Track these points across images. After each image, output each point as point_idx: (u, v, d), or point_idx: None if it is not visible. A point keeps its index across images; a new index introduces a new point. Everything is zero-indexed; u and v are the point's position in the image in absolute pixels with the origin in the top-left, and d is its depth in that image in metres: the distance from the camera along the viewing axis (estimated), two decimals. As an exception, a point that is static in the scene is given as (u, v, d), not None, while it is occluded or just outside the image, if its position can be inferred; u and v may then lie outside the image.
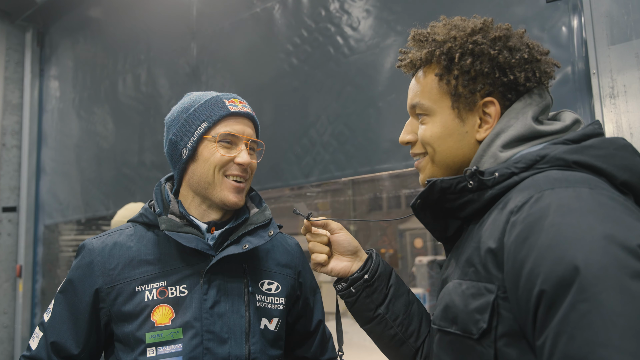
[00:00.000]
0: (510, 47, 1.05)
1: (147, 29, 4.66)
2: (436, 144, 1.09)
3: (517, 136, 1.01)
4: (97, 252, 1.43)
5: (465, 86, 1.05)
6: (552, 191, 0.83)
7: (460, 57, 1.06)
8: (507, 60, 1.03)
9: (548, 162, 0.93)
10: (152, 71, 4.54)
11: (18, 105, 5.87)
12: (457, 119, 1.07)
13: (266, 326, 1.47)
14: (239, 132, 1.45)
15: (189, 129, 1.45)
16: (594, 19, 2.27)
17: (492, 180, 0.96)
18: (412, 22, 2.99)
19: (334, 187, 4.07)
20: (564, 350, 0.72)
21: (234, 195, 1.45)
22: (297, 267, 1.63)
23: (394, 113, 2.98)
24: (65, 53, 5.62)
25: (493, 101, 1.05)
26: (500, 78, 1.04)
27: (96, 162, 4.99)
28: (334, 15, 3.31)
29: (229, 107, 1.46)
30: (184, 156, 1.46)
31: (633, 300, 0.69)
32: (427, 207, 1.07)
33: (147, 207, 1.52)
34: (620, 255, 0.72)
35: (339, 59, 3.26)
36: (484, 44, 1.05)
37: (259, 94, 3.64)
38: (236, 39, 3.86)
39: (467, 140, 1.07)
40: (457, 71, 1.06)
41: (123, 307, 1.38)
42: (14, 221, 5.73)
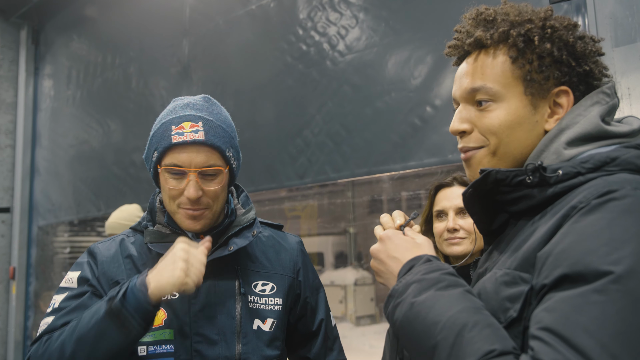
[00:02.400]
0: (579, 36, 1.01)
1: (139, 25, 4.67)
2: (504, 134, 1.00)
3: (583, 134, 0.96)
4: (99, 254, 1.49)
5: (541, 72, 0.99)
6: (622, 190, 0.82)
7: (540, 40, 0.99)
8: (582, 49, 0.99)
9: (619, 164, 0.90)
10: (144, 69, 4.55)
11: (12, 104, 5.85)
12: (529, 106, 1.00)
13: (259, 327, 1.48)
14: (185, 164, 1.38)
15: (149, 153, 1.47)
16: (598, 20, 2.27)
17: (554, 177, 0.92)
18: (411, 20, 3.03)
19: (333, 189, 4.00)
20: (552, 323, 0.75)
21: (190, 222, 1.43)
22: (296, 265, 1.63)
23: (392, 113, 2.97)
24: (60, 51, 5.63)
25: (567, 91, 1.00)
26: (576, 68, 0.99)
27: (87, 162, 5.01)
28: (330, 13, 3.31)
29: (172, 136, 1.38)
30: (152, 177, 1.51)
31: None
32: (478, 198, 1.01)
33: (144, 215, 1.56)
34: None
35: (335, 58, 3.25)
36: (561, 30, 0.99)
37: (252, 92, 3.65)
38: (230, 37, 3.87)
39: (536, 131, 1.01)
40: (533, 55, 1.00)
41: None
42: (7, 222, 5.72)
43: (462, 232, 1.78)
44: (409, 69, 2.92)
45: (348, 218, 4.36)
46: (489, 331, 0.82)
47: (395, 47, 2.99)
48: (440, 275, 0.94)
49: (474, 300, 0.89)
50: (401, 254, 1.04)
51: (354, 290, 4.65)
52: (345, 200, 4.09)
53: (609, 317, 0.72)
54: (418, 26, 2.91)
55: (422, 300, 0.90)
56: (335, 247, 5.59)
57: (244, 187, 1.69)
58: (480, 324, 0.83)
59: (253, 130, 3.55)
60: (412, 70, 2.90)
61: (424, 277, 0.95)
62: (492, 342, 0.80)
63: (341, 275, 4.84)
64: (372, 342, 4.04)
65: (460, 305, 0.87)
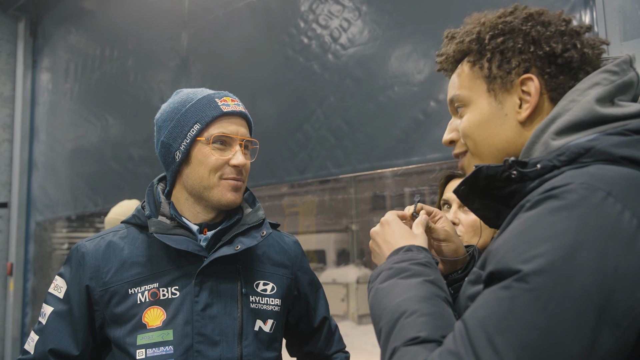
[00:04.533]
0: (543, 21, 0.99)
1: (138, 18, 4.65)
2: (475, 134, 1.04)
3: (574, 121, 0.91)
4: (90, 254, 1.44)
5: (500, 66, 1.00)
6: (566, 186, 0.79)
7: (491, 38, 1.01)
8: (540, 33, 0.98)
9: (593, 155, 0.84)
10: (142, 62, 4.53)
11: (10, 97, 5.82)
12: (494, 102, 1.02)
13: (261, 328, 1.48)
14: (233, 133, 1.44)
15: (181, 130, 1.44)
16: (606, 14, 2.25)
17: (534, 172, 0.89)
18: (415, 13, 2.99)
19: (334, 185, 3.95)
20: (466, 316, 0.77)
21: (231, 193, 1.44)
22: (295, 265, 1.63)
23: (395, 108, 2.94)
24: (58, 43, 5.62)
25: (531, 77, 0.98)
26: (536, 52, 0.98)
27: (85, 157, 4.99)
28: (333, 5, 3.27)
29: (221, 106, 1.45)
30: (177, 159, 1.45)
31: (545, 318, 0.70)
32: (476, 194, 1.02)
33: (139, 208, 1.52)
34: (566, 274, 0.71)
35: (337, 51, 3.22)
36: (514, 22, 1.00)
37: (252, 86, 3.63)
38: (229, 29, 3.83)
39: (508, 124, 1.00)
40: (489, 53, 1.02)
41: (116, 309, 1.40)
42: (5, 217, 5.71)
43: (460, 228, 1.76)
44: (413, 63, 2.89)
45: (350, 215, 4.31)
46: (424, 319, 0.85)
47: (398, 41, 2.96)
48: (407, 265, 1.00)
49: (428, 290, 0.93)
50: (395, 240, 1.11)
51: (356, 288, 4.61)
52: (347, 197, 4.04)
53: (504, 314, 0.72)
54: (422, 19, 2.88)
55: (383, 287, 0.97)
56: (337, 244, 5.54)
57: None
58: (418, 312, 0.86)
59: (253, 124, 3.50)
60: (415, 64, 2.87)
61: (394, 265, 1.01)
62: (420, 329, 0.83)
63: (343, 273, 4.81)
64: (374, 340, 4.00)
65: (410, 293, 0.91)
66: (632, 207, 0.74)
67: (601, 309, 0.69)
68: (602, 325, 0.69)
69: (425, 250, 1.07)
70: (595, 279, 0.70)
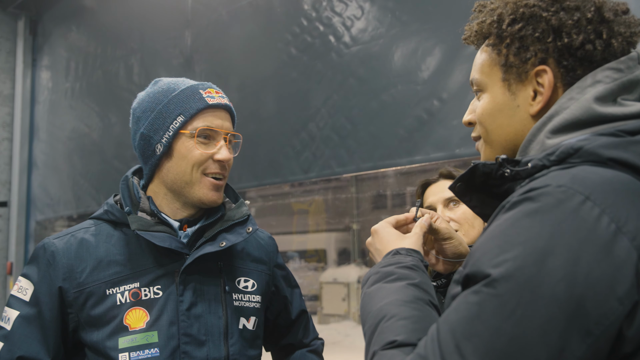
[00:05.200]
0: (568, 7, 0.93)
1: (140, 16, 4.63)
2: (487, 122, 1.01)
3: (571, 120, 0.87)
4: (61, 253, 1.33)
5: (516, 55, 0.95)
6: (544, 188, 0.76)
7: (511, 22, 0.96)
8: (562, 21, 0.91)
9: (581, 156, 0.80)
10: (145, 61, 4.50)
11: (9, 96, 5.80)
12: (507, 92, 0.98)
13: (245, 326, 1.44)
14: (218, 127, 1.38)
15: (163, 122, 1.37)
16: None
17: (525, 171, 0.86)
18: (419, 11, 2.99)
19: (336, 184, 3.95)
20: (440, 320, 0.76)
21: (213, 193, 1.39)
22: (272, 262, 1.60)
23: (399, 107, 2.93)
24: (58, 42, 5.58)
25: (545, 69, 0.93)
26: (554, 42, 0.92)
27: (87, 156, 4.96)
28: (336, 4, 3.27)
29: (206, 98, 1.38)
30: (158, 152, 1.38)
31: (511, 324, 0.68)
32: (473, 191, 0.99)
33: (112, 203, 1.43)
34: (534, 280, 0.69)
35: (340, 50, 3.21)
36: (536, 6, 0.94)
37: (256, 85, 3.61)
38: (233, 28, 3.82)
39: (519, 116, 0.97)
40: (508, 39, 0.96)
41: (92, 311, 1.31)
42: (4, 216, 5.69)
43: (453, 225, 1.76)
44: (416, 61, 2.88)
45: (352, 214, 4.31)
46: (402, 323, 0.84)
47: (402, 39, 2.95)
48: (393, 269, 0.99)
49: (411, 294, 0.92)
50: (384, 246, 1.11)
51: (357, 287, 4.60)
52: (348, 196, 4.04)
53: (472, 319, 0.71)
54: (425, 17, 2.87)
55: (369, 292, 0.97)
56: (339, 243, 5.54)
57: (247, 181, 1.64)
58: (397, 315, 0.86)
59: (257, 123, 3.52)
60: (419, 63, 2.86)
61: (380, 269, 1.01)
62: (397, 333, 0.83)
63: (344, 273, 4.81)
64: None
65: (392, 297, 0.91)
66: (611, 212, 0.71)
67: (570, 316, 0.67)
68: (572, 333, 0.67)
69: (414, 253, 1.06)
70: (565, 285, 0.67)
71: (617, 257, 0.68)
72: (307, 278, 6.74)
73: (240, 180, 3.55)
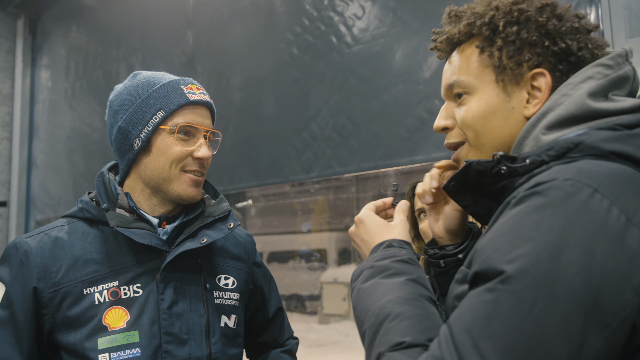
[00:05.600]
0: (559, 15, 0.96)
1: (141, 16, 4.61)
2: (479, 125, 0.99)
3: (566, 116, 0.88)
4: (35, 252, 1.28)
5: (511, 57, 0.96)
6: (551, 182, 0.76)
7: (505, 25, 0.96)
8: (556, 27, 0.94)
9: (581, 150, 0.81)
10: (147, 61, 4.50)
11: (9, 95, 5.77)
12: (502, 93, 0.97)
13: (226, 324, 1.42)
14: (199, 124, 1.36)
15: (142, 117, 1.34)
16: (611, 10, 2.24)
17: (523, 167, 0.86)
18: (420, 10, 2.99)
19: (336, 184, 3.95)
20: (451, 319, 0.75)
21: (192, 189, 1.37)
22: (250, 259, 1.59)
23: (400, 106, 2.93)
24: (58, 41, 5.56)
25: (543, 72, 0.94)
26: (550, 47, 0.94)
27: (87, 155, 4.94)
28: (337, 3, 3.27)
29: (187, 94, 1.35)
30: (136, 147, 1.35)
31: (531, 322, 0.68)
32: (466, 190, 0.99)
33: (87, 200, 1.39)
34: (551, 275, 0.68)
35: (341, 49, 3.21)
36: (529, 12, 0.95)
37: (257, 85, 3.60)
38: (234, 28, 3.82)
39: (514, 118, 0.96)
40: (501, 41, 0.97)
41: (69, 311, 1.27)
42: (4, 216, 5.66)
43: None
44: (417, 61, 2.88)
45: (352, 214, 4.30)
46: (408, 323, 0.83)
47: (403, 38, 2.95)
48: (389, 263, 0.97)
49: (411, 290, 0.91)
50: (372, 237, 1.08)
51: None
52: (349, 196, 4.04)
53: (489, 318, 0.70)
54: (426, 16, 2.87)
55: (365, 287, 0.94)
56: (339, 243, 5.53)
57: (248, 181, 1.64)
58: (402, 315, 0.85)
59: (258, 123, 3.52)
60: (420, 62, 2.86)
61: (375, 264, 0.98)
62: (405, 334, 0.81)
63: (344, 273, 4.79)
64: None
65: (393, 294, 0.89)
66: (620, 204, 0.71)
67: (588, 310, 0.67)
68: (590, 327, 0.67)
69: (407, 245, 1.05)
70: (582, 279, 0.67)
71: (630, 248, 0.69)
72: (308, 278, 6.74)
73: (241, 180, 3.54)
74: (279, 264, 9.70)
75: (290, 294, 9.35)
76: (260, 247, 1.75)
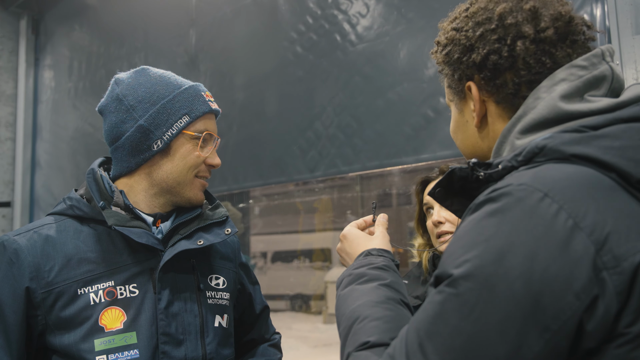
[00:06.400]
0: (477, 22, 0.97)
1: (144, 15, 4.59)
2: (454, 137, 1.08)
3: (538, 119, 0.89)
4: (26, 251, 1.25)
5: (451, 76, 1.03)
6: (505, 188, 0.77)
7: (442, 48, 1.03)
8: (469, 39, 0.98)
9: (546, 154, 0.82)
10: (149, 60, 4.48)
11: (12, 95, 5.76)
12: (456, 110, 1.05)
13: (220, 323, 1.43)
14: (214, 132, 1.43)
15: (167, 119, 1.34)
16: (617, 7, 2.23)
17: (497, 173, 0.88)
18: (424, 8, 2.97)
19: (340, 183, 3.94)
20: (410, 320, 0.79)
21: (201, 193, 1.43)
22: (237, 259, 1.61)
23: (405, 105, 2.91)
24: (61, 41, 5.55)
25: (469, 85, 0.99)
26: (467, 59, 0.98)
27: (90, 155, 4.92)
28: (341, 2, 3.25)
29: (208, 102, 1.41)
30: (155, 148, 1.35)
31: (470, 323, 0.70)
32: (454, 196, 1.02)
33: (77, 198, 1.35)
34: (492, 278, 0.70)
35: (346, 48, 3.20)
36: (454, 30, 1.01)
37: (261, 84, 3.59)
38: (238, 26, 3.80)
39: (470, 130, 1.03)
40: (442, 63, 1.05)
41: (63, 312, 1.24)
42: (7, 217, 5.65)
43: (447, 225, 1.77)
44: (422, 59, 2.86)
45: (357, 213, 4.29)
46: (374, 324, 0.88)
47: (408, 36, 2.93)
48: (364, 270, 1.04)
49: (382, 294, 0.96)
50: (354, 249, 1.16)
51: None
52: (353, 195, 4.03)
53: (435, 318, 0.73)
54: (431, 14, 2.85)
55: (343, 294, 1.01)
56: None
57: (252, 180, 1.67)
58: (370, 317, 0.89)
59: (262, 122, 3.51)
60: (425, 60, 2.85)
61: (353, 271, 1.05)
62: (370, 334, 0.86)
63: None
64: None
65: (364, 299, 0.95)
66: (570, 208, 0.72)
67: (528, 312, 0.68)
68: (529, 329, 0.68)
69: (385, 252, 1.10)
70: (522, 282, 0.69)
71: (574, 252, 0.69)
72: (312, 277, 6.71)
73: (246, 179, 3.53)
74: (283, 264, 9.69)
75: (294, 294, 9.34)
76: (264, 246, 1.78)
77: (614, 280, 0.68)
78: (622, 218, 0.72)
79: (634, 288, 0.69)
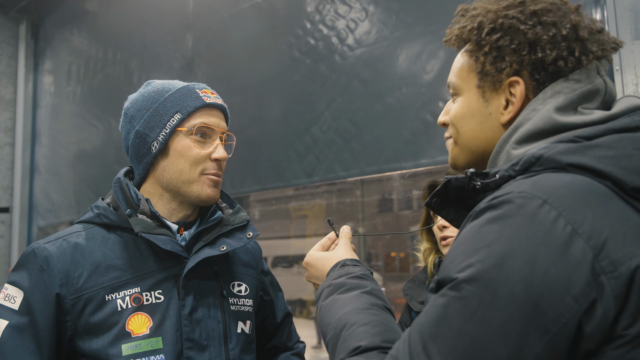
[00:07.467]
0: (545, 22, 0.96)
1: (141, 19, 4.61)
2: (459, 124, 1.05)
3: (534, 130, 0.92)
4: (56, 258, 1.27)
5: (493, 63, 0.99)
6: (505, 196, 0.79)
7: (490, 32, 0.99)
8: (538, 35, 0.95)
9: (542, 164, 0.84)
10: (146, 64, 4.49)
11: (11, 100, 5.78)
12: (481, 98, 1.02)
13: (242, 330, 1.44)
14: (215, 125, 1.40)
15: (159, 120, 1.36)
16: (617, 13, 2.24)
17: (494, 182, 0.90)
18: (423, 13, 2.95)
19: (341, 187, 3.92)
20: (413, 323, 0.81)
21: (211, 189, 1.39)
22: (259, 266, 1.62)
23: (403, 109, 2.90)
24: (60, 46, 5.57)
25: (518, 80, 0.97)
26: (529, 55, 0.96)
27: (89, 161, 4.94)
28: (339, 6, 3.24)
29: (203, 97, 1.40)
30: (154, 150, 1.37)
31: (473, 325, 0.72)
32: (450, 205, 1.04)
33: (104, 206, 1.39)
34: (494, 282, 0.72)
35: (344, 52, 3.19)
36: (515, 18, 0.97)
37: (258, 88, 3.58)
38: (235, 31, 3.80)
39: (490, 123, 1.01)
40: (486, 47, 1.00)
41: (91, 318, 1.26)
42: (6, 222, 5.65)
43: (450, 230, 1.77)
44: (421, 64, 2.85)
45: (357, 218, 4.26)
46: (363, 329, 0.91)
47: (406, 41, 2.93)
48: (344, 280, 1.06)
49: (365, 301, 0.99)
50: (321, 272, 1.18)
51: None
52: (354, 200, 4.00)
53: (438, 321, 0.75)
54: (430, 19, 2.85)
55: (325, 304, 1.03)
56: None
57: (250, 185, 1.63)
58: (357, 323, 0.92)
59: (259, 127, 3.50)
60: (423, 65, 2.84)
61: (332, 282, 1.07)
62: (360, 339, 0.88)
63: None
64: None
65: (349, 307, 0.97)
66: (568, 214, 0.74)
67: (529, 315, 0.70)
68: (530, 331, 0.70)
69: (359, 263, 1.13)
70: (523, 286, 0.71)
71: (572, 257, 0.71)
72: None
73: (243, 184, 3.52)
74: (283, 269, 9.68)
75: (295, 299, 9.33)
76: (264, 252, 1.76)
77: (612, 284, 0.70)
78: (618, 224, 0.74)
79: (631, 291, 0.71)
